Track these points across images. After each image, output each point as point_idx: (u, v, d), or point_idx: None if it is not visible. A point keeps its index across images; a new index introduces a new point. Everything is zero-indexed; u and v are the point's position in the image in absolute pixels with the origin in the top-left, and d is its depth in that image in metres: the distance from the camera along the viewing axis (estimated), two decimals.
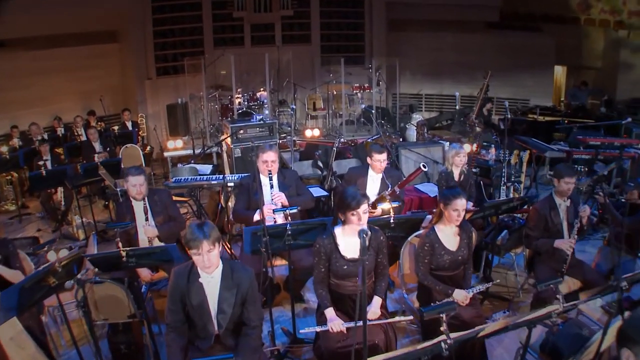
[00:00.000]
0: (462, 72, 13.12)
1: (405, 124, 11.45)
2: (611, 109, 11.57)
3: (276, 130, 7.54)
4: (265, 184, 4.70)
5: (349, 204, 3.49)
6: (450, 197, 3.94)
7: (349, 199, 3.50)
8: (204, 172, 6.70)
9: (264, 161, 4.65)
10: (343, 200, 3.53)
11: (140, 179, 4.48)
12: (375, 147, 5.28)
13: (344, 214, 3.56)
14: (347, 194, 3.53)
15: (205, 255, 2.98)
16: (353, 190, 3.56)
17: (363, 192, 3.62)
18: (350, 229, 3.58)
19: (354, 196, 3.49)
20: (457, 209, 3.91)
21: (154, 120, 11.17)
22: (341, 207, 3.56)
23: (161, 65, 11.70)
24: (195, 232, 2.95)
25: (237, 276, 3.17)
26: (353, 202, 3.48)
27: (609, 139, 7.81)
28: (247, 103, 10.81)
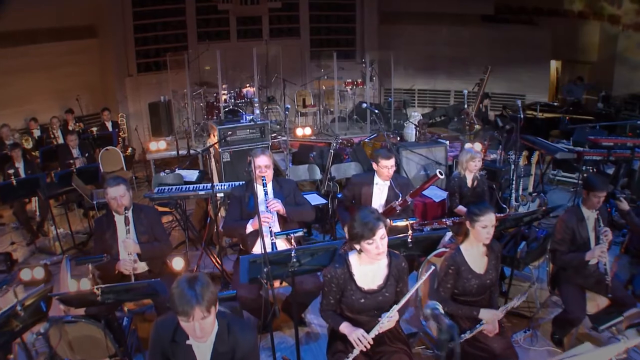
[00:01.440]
0: (456, 67, 12.82)
1: (399, 121, 11.02)
2: (608, 104, 11.28)
3: (268, 131, 7.00)
4: (259, 194, 4.19)
5: (362, 234, 2.98)
6: (477, 212, 3.48)
7: (360, 228, 2.99)
8: (190, 179, 6.13)
9: (257, 167, 4.17)
10: (354, 230, 3.02)
11: (121, 189, 3.95)
12: (381, 151, 4.79)
13: (358, 243, 3.05)
14: (357, 222, 3.01)
15: (197, 323, 2.33)
16: (363, 213, 3.04)
17: (375, 212, 3.08)
18: (368, 256, 3.08)
19: (366, 222, 2.97)
20: (487, 225, 3.45)
21: (135, 120, 10.56)
22: (354, 237, 3.04)
23: (142, 61, 11.10)
24: (186, 294, 2.28)
25: (234, 339, 2.56)
26: (366, 230, 2.96)
27: (621, 139, 7.44)
28: (234, 100, 10.27)
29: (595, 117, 10.20)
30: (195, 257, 5.85)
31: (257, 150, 4.28)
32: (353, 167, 6.66)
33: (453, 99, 13.33)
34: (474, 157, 5.38)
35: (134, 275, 3.88)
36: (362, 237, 2.98)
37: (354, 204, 5.06)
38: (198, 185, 5.42)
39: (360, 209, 3.11)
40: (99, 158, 7.90)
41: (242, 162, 6.76)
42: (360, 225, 2.97)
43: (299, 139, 9.85)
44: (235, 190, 4.44)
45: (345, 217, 5.00)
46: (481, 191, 5.56)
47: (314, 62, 12.04)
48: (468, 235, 3.60)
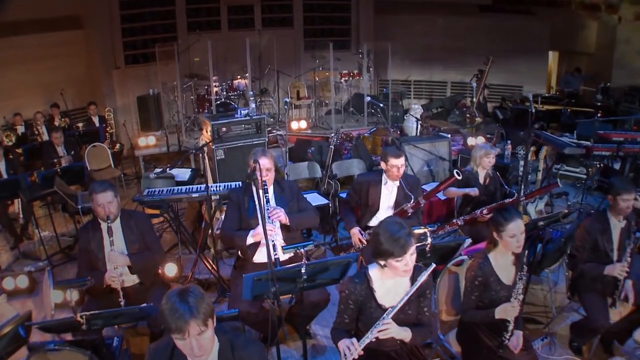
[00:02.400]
0: (453, 58, 12.56)
1: (395, 113, 10.70)
2: (607, 96, 11.09)
3: (264, 127, 6.61)
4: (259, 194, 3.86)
5: (392, 252, 2.66)
6: (502, 221, 3.19)
7: (389, 244, 2.66)
8: (182, 179, 5.77)
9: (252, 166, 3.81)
10: (381, 247, 2.69)
11: (108, 196, 3.56)
12: (390, 150, 4.45)
13: (384, 260, 2.73)
14: (385, 237, 2.68)
15: (194, 340, 2.06)
16: (392, 227, 2.70)
17: (405, 225, 2.73)
18: (394, 273, 2.76)
19: (397, 238, 2.64)
20: (515, 234, 3.16)
21: (123, 114, 10.15)
22: (381, 254, 2.72)
23: (130, 52, 10.64)
24: (178, 308, 2.02)
25: (240, 357, 2.27)
26: (397, 248, 2.64)
27: (631, 134, 7.22)
28: (226, 93, 9.91)
29: (595, 109, 9.96)
30: (189, 261, 5.52)
31: (257, 150, 3.89)
32: (355, 164, 6.31)
33: (450, 90, 13.07)
34: (488, 153, 5.07)
35: (123, 289, 3.54)
36: (391, 255, 2.66)
37: (360, 205, 4.74)
38: (191, 186, 5.04)
39: (386, 222, 2.77)
40: (85, 155, 7.50)
41: (237, 159, 6.40)
42: (390, 242, 2.65)
43: (295, 132, 9.50)
44: (233, 193, 4.05)
45: (350, 219, 4.67)
46: (493, 189, 5.27)
47: (308, 53, 11.66)
48: (497, 244, 3.31)
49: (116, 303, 3.45)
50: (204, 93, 9.83)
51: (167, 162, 8.66)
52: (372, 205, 4.60)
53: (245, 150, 6.45)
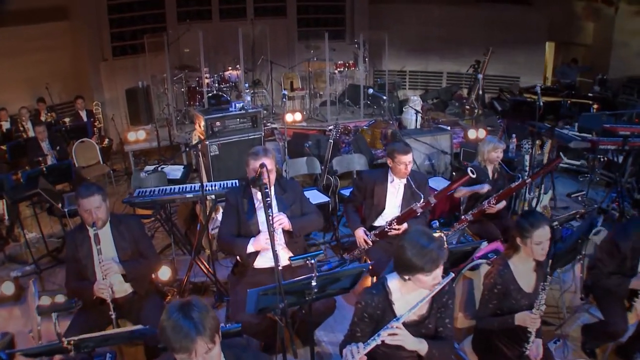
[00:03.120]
0: (449, 48, 12.33)
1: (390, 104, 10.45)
2: (605, 88, 10.94)
3: (260, 120, 6.34)
4: (259, 199, 3.60)
5: (422, 267, 2.44)
6: (528, 227, 2.98)
7: (420, 259, 2.44)
8: (174, 177, 5.49)
9: (256, 170, 3.47)
10: (410, 261, 2.46)
11: (95, 200, 3.27)
12: (398, 146, 4.21)
13: (411, 275, 2.51)
14: (414, 251, 2.45)
15: (200, 359, 1.87)
16: (422, 239, 2.47)
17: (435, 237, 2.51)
18: (418, 286, 2.54)
19: (427, 254, 2.42)
20: (541, 241, 2.96)
21: (111, 108, 9.82)
22: (409, 269, 2.50)
23: (118, 44, 10.29)
24: (182, 326, 1.82)
25: None
26: (428, 264, 2.44)
27: (638, 127, 7.02)
28: (218, 85, 9.61)
29: (593, 101, 9.81)
30: (183, 263, 5.27)
31: (257, 150, 3.57)
32: (356, 159, 6.04)
33: (445, 80, 12.86)
34: (497, 147, 4.86)
35: (115, 300, 3.28)
36: (420, 270, 2.45)
37: (365, 204, 4.50)
38: (185, 186, 4.75)
39: (414, 234, 2.53)
40: (73, 151, 7.20)
41: (232, 155, 6.13)
42: (420, 257, 2.43)
43: (290, 125, 9.23)
44: (231, 194, 3.76)
45: (355, 219, 4.43)
46: (502, 184, 5.06)
47: (302, 43, 11.36)
48: (518, 249, 3.10)
49: (107, 315, 3.20)
50: (195, 85, 9.52)
51: (157, 157, 8.38)
52: (378, 205, 4.36)
53: (240, 146, 6.21)
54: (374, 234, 4.27)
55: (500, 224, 5.01)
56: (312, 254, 2.81)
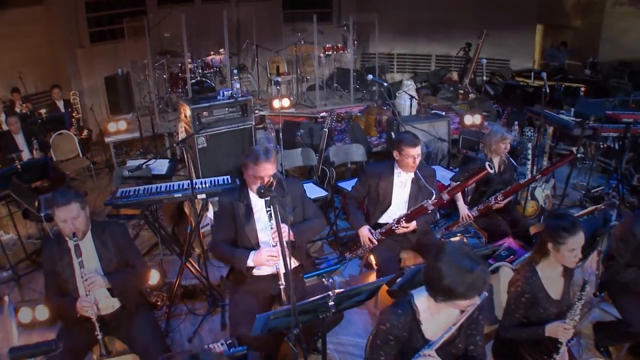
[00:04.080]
0: (438, 30, 12.04)
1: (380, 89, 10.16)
2: (595, 71, 10.80)
3: (251, 109, 5.95)
4: (257, 204, 3.26)
5: (465, 294, 2.17)
6: (563, 234, 2.71)
7: (464, 287, 2.16)
8: (159, 172, 5.10)
9: (258, 176, 3.11)
10: (448, 288, 2.18)
11: (73, 209, 2.88)
12: (406, 137, 3.89)
13: (449, 300, 2.22)
14: (456, 278, 2.16)
15: None
16: (462, 261, 2.18)
17: (475, 257, 2.21)
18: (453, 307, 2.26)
19: (472, 281, 2.15)
20: (575, 248, 2.73)
21: (90, 97, 9.34)
22: (445, 294, 2.21)
23: (95, 29, 9.78)
24: None
25: None
26: (470, 292, 2.17)
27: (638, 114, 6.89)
28: (202, 71, 9.21)
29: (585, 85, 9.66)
30: (171, 263, 4.92)
31: (257, 152, 3.11)
32: (354, 149, 5.70)
33: (434, 63, 12.58)
34: (505, 138, 4.57)
35: (101, 318, 2.94)
36: (460, 297, 2.16)
37: (369, 199, 4.20)
38: (172, 184, 4.34)
39: (452, 254, 2.22)
40: (50, 144, 6.77)
41: (221, 147, 5.76)
42: (462, 284, 2.14)
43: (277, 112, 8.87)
44: (225, 196, 3.37)
45: (358, 217, 4.12)
46: (509, 177, 4.81)
47: (289, 26, 10.95)
48: (547, 254, 2.84)
49: (94, 334, 2.87)
50: (177, 71, 9.11)
51: (140, 147, 7.98)
52: (384, 200, 4.06)
53: (230, 137, 5.83)
54: (379, 232, 3.98)
55: (507, 217, 4.77)
56: (328, 268, 2.49)
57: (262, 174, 3.08)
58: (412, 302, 2.33)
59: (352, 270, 4.97)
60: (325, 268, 2.55)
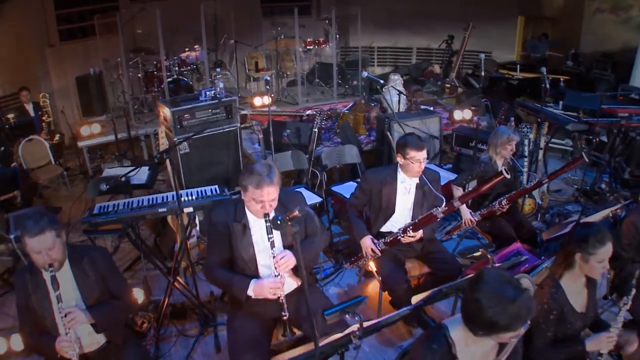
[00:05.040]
0: (419, 22, 11.78)
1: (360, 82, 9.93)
2: (578, 62, 10.72)
3: (236, 110, 5.61)
4: (255, 225, 2.94)
5: (508, 327, 1.94)
6: (596, 245, 2.54)
7: (504, 318, 1.93)
8: (139, 181, 4.73)
9: (259, 200, 2.76)
10: (490, 320, 1.94)
11: (47, 239, 2.51)
12: (410, 140, 3.61)
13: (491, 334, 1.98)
14: (499, 310, 1.92)
15: None
16: (505, 290, 1.95)
17: (517, 284, 1.99)
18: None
19: (518, 312, 1.92)
20: (604, 259, 2.58)
21: (61, 99, 8.83)
22: (486, 328, 1.97)
23: (65, 27, 9.22)
24: None
25: None
26: (515, 324, 1.94)
27: (634, 109, 6.91)
28: (178, 68, 8.81)
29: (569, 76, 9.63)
30: (155, 279, 4.58)
31: (258, 173, 2.71)
32: (347, 150, 5.39)
33: (415, 56, 12.35)
34: (511, 139, 4.33)
35: (85, 355, 2.61)
36: (504, 330, 1.93)
37: (370, 207, 3.93)
38: (155, 197, 3.94)
39: (492, 281, 1.99)
40: (20, 152, 6.33)
41: (205, 152, 5.41)
42: (505, 315, 1.92)
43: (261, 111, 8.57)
44: (217, 214, 2.99)
45: (360, 226, 3.85)
46: (513, 179, 4.59)
47: (268, 20, 10.58)
48: (572, 266, 2.65)
49: None
50: (152, 70, 8.68)
51: (116, 150, 7.57)
52: (387, 208, 3.80)
53: (214, 140, 5.49)
54: (383, 242, 3.72)
55: (511, 220, 4.55)
56: (351, 301, 2.19)
57: (264, 198, 2.74)
58: (447, 336, 2.07)
59: (350, 279, 4.71)
60: (347, 302, 2.24)
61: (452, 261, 3.85)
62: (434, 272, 3.87)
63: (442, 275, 3.78)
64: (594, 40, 10.91)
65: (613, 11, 10.44)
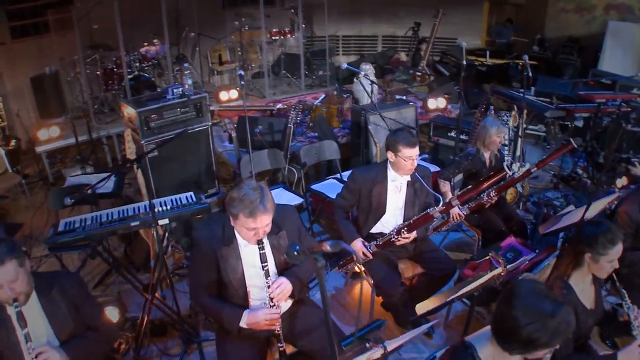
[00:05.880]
0: (384, 10, 11.62)
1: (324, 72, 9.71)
2: (544, 48, 10.76)
3: (207, 108, 5.29)
4: (245, 247, 2.69)
5: (546, 343, 1.81)
6: (607, 245, 2.50)
7: (542, 333, 1.80)
8: (105, 191, 4.35)
9: (251, 228, 2.52)
10: (529, 338, 1.80)
11: (8, 271, 2.19)
12: (402, 136, 3.41)
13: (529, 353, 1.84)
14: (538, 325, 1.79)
15: None
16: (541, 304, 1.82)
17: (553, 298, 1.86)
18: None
19: (554, 325, 1.79)
20: (614, 259, 2.56)
21: (15, 101, 8.26)
22: (525, 346, 1.84)
23: (17, 23, 8.46)
24: None
25: None
26: (554, 339, 1.81)
27: (609, 94, 6.94)
28: (139, 64, 8.41)
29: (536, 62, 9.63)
30: (129, 293, 4.25)
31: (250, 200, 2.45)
32: (326, 146, 5.14)
33: (381, 44, 12.19)
34: (500, 131, 4.21)
35: None
36: (543, 346, 1.81)
37: (359, 208, 3.72)
38: (126, 208, 3.60)
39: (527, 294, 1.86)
40: None
41: (176, 155, 5.07)
42: (546, 331, 1.78)
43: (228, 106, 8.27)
44: (202, 233, 2.71)
45: (349, 229, 3.64)
46: (499, 171, 4.45)
47: (231, 11, 10.19)
48: (581, 265, 2.59)
49: None
50: (111, 66, 8.23)
51: (76, 153, 7.14)
52: (377, 208, 3.60)
53: (185, 141, 5.15)
54: (375, 245, 3.53)
55: (501, 211, 4.43)
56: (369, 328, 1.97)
57: (257, 225, 2.50)
58: (475, 356, 1.92)
59: (336, 282, 4.51)
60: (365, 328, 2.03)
61: (446, 260, 3.70)
62: (428, 272, 3.70)
63: (437, 275, 3.64)
64: (557, 25, 10.96)
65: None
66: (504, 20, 11.93)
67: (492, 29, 12.22)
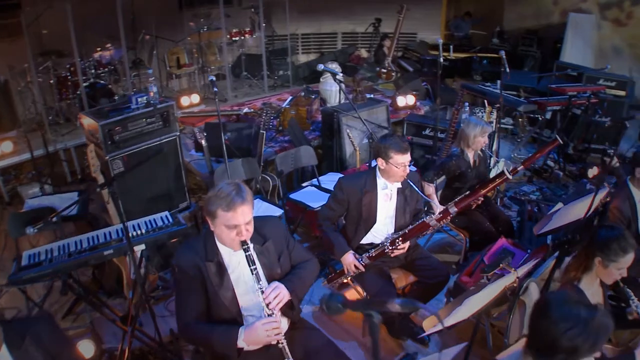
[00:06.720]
0: (343, 7, 11.52)
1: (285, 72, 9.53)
2: (503, 40, 10.93)
3: (174, 117, 4.98)
4: (231, 261, 2.49)
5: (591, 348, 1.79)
6: (619, 253, 2.50)
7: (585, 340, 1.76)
8: (70, 213, 3.99)
9: (232, 226, 2.33)
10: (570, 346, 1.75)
11: None
12: (393, 142, 3.24)
13: None
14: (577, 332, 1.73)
15: None
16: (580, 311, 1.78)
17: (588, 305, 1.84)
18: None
19: (595, 329, 1.77)
20: (624, 267, 2.56)
21: None
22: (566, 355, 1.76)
23: None
24: None
25: None
26: (599, 344, 1.81)
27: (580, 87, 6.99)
28: (95, 71, 8.01)
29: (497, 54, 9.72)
30: (102, 323, 3.89)
31: (226, 193, 2.29)
32: (303, 152, 4.89)
33: (340, 42, 12.06)
34: (484, 131, 4.10)
35: None
36: (589, 352, 1.78)
37: (347, 218, 3.55)
38: (96, 234, 3.26)
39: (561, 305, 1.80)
40: None
41: (143, 170, 4.75)
42: (587, 336, 1.74)
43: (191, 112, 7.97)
44: (184, 255, 2.47)
45: (339, 241, 3.45)
46: (484, 170, 4.39)
47: (189, 12, 9.83)
48: (590, 268, 2.60)
49: None
50: (65, 74, 7.78)
51: (32, 169, 6.70)
52: (368, 218, 3.43)
53: (152, 154, 4.84)
54: (368, 257, 3.36)
55: (487, 211, 4.35)
56: None
57: (238, 220, 2.31)
58: None
59: (322, 294, 4.30)
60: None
61: (439, 267, 3.57)
62: (422, 280, 3.56)
63: (431, 283, 3.51)
64: (515, 17, 11.09)
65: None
66: (462, 14, 12.00)
67: (450, 22, 12.29)
